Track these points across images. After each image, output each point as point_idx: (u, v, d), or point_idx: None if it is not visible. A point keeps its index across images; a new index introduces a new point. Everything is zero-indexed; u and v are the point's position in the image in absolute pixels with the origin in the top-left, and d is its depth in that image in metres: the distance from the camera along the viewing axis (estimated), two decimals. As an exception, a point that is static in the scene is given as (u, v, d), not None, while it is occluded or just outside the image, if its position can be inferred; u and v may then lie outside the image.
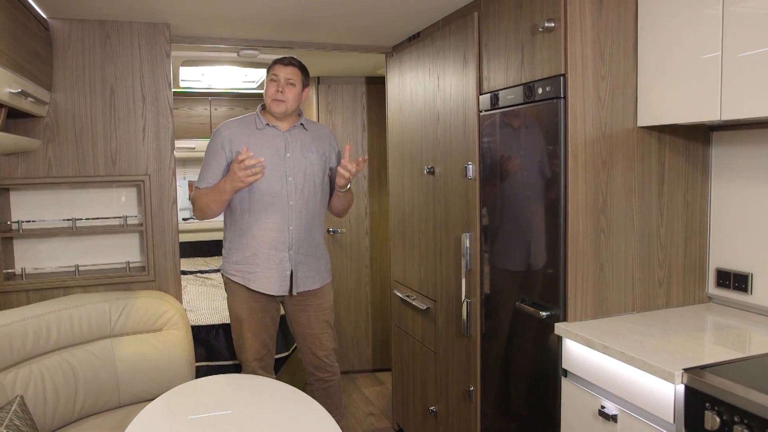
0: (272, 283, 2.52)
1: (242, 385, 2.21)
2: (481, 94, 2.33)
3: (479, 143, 2.34)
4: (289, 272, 2.53)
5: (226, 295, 2.65)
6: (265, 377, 2.36)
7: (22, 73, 2.13)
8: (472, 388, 2.43)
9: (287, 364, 3.46)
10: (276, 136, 2.53)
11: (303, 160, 2.54)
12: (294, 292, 2.56)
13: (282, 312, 2.72)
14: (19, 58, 2.11)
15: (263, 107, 2.58)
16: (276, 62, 2.54)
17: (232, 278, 2.55)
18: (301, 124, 2.59)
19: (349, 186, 2.61)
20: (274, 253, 2.51)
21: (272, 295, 2.55)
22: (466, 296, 2.40)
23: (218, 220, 5.88)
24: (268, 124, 2.53)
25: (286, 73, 2.49)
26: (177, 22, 2.71)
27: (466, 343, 2.46)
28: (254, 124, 2.54)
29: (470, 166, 2.36)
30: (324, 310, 2.67)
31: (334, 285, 4.27)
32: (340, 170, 2.49)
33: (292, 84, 2.50)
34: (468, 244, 2.39)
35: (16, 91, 2.03)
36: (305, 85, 2.56)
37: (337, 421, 2.67)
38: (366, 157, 2.58)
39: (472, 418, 2.45)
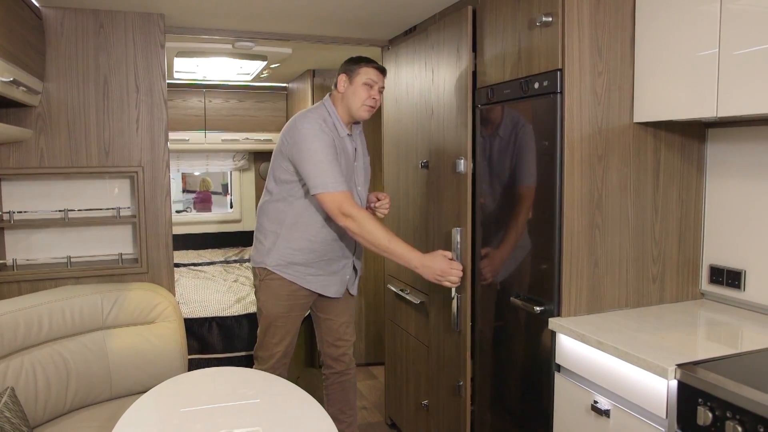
0: (332, 286, 2.49)
1: (234, 377, 2.21)
2: (477, 89, 2.32)
3: (473, 138, 2.33)
4: (348, 276, 2.53)
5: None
6: (257, 372, 2.35)
7: (14, 62, 2.10)
8: (461, 383, 2.43)
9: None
10: (350, 143, 2.43)
11: (363, 168, 2.51)
12: (353, 293, 2.59)
13: None
14: (11, 47, 2.08)
15: (331, 101, 2.41)
16: (370, 65, 2.38)
17: (287, 276, 2.41)
18: (357, 128, 2.51)
19: None
20: (339, 259, 2.47)
21: (315, 295, 2.50)
22: (456, 291, 2.40)
23: (215, 216, 5.80)
24: (348, 133, 2.41)
25: (381, 80, 2.39)
26: (172, 13, 2.69)
27: (456, 338, 2.46)
28: (336, 130, 2.36)
29: (461, 161, 2.35)
30: (353, 302, 2.67)
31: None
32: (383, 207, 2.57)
33: (381, 92, 2.42)
34: (458, 239, 2.38)
35: (8, 80, 2.01)
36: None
37: (350, 423, 2.66)
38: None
39: (461, 412, 2.45)
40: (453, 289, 2.38)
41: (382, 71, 2.42)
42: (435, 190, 2.62)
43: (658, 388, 1.53)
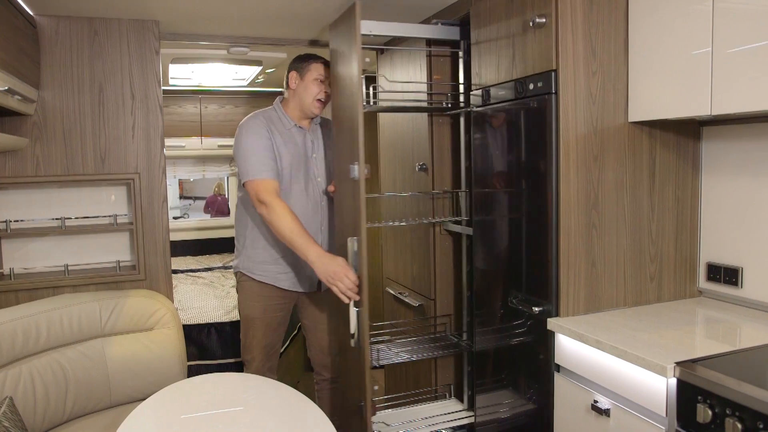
0: (303, 281, 2.50)
1: (234, 384, 2.20)
2: (472, 91, 2.33)
3: (363, 141, 2.09)
4: None
5: (235, 293, 2.59)
6: (257, 377, 2.35)
7: (8, 71, 2.10)
8: (362, 403, 2.21)
9: (281, 361, 3.45)
10: (302, 136, 2.47)
11: (326, 159, 2.52)
12: (324, 288, 2.52)
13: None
14: (5, 56, 2.08)
15: (282, 101, 2.49)
16: (318, 61, 2.44)
17: (256, 277, 2.47)
18: (318, 122, 2.54)
19: None
20: None
21: (292, 294, 2.52)
22: (355, 305, 2.17)
23: (212, 222, 5.79)
24: (295, 124, 2.45)
25: (328, 74, 2.42)
26: (166, 19, 2.69)
27: (356, 354, 2.25)
28: (280, 122, 2.44)
29: (355, 167, 2.11)
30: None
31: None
32: None
33: (329, 85, 2.44)
34: (355, 249, 2.15)
35: (3, 88, 2.01)
36: None
37: (340, 426, 2.66)
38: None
39: None
40: (351, 303, 2.15)
41: (328, 63, 2.45)
42: (338, 198, 2.41)
43: (658, 387, 1.53)
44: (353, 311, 2.14)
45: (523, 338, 2.11)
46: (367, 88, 2.58)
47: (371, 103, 2.63)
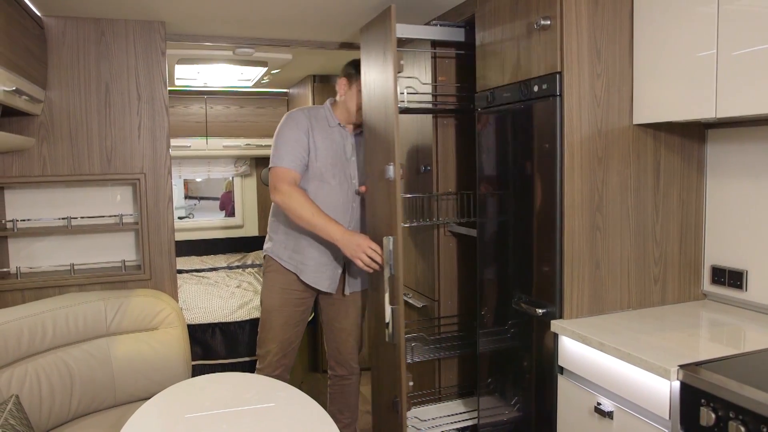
0: (323, 280, 2.52)
1: (239, 383, 2.21)
2: (477, 92, 2.33)
3: (398, 143, 2.15)
4: (340, 271, 2.55)
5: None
6: (261, 377, 2.35)
7: (16, 71, 2.12)
8: (397, 399, 2.27)
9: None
10: (344, 137, 2.52)
11: (360, 164, 2.55)
12: (346, 292, 2.58)
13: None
14: (13, 56, 2.09)
15: (333, 103, 2.55)
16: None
17: (283, 263, 2.52)
18: (361, 130, 2.52)
19: None
20: (331, 251, 2.49)
21: (313, 291, 2.55)
22: (390, 303, 2.23)
23: (218, 222, 5.80)
24: (339, 123, 2.51)
25: None
26: (172, 20, 2.70)
27: (392, 351, 2.30)
28: (326, 120, 2.50)
29: (390, 167, 2.17)
30: (357, 308, 2.66)
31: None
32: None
33: None
34: (391, 248, 2.20)
35: (11, 89, 2.02)
36: None
37: (347, 425, 2.68)
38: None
39: (398, 428, 2.27)
40: (387, 302, 2.21)
41: None
42: (371, 198, 2.43)
43: (661, 389, 1.53)
44: (388, 308, 2.22)
45: (526, 340, 2.11)
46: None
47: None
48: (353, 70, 2.49)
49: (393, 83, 2.12)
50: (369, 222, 2.46)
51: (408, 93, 2.57)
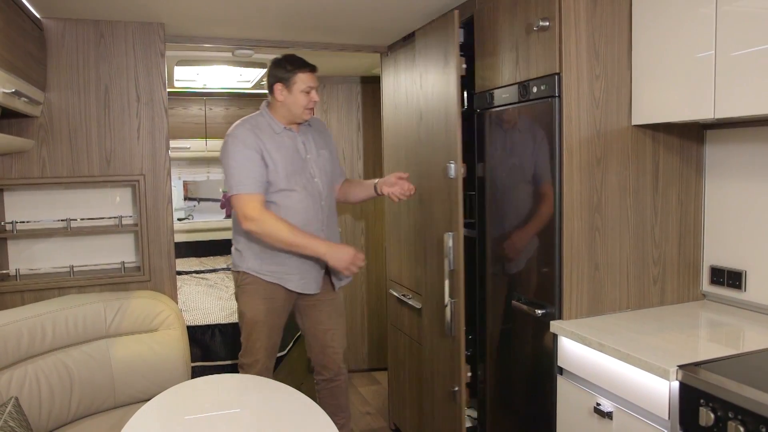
0: (310, 283, 2.50)
1: (238, 385, 2.21)
2: (475, 93, 2.33)
3: (462, 142, 2.29)
4: (323, 271, 2.53)
5: (237, 294, 2.58)
6: (262, 378, 2.35)
7: (15, 73, 2.12)
8: (456, 389, 2.39)
9: (284, 363, 3.46)
10: (293, 138, 2.48)
11: (321, 159, 2.53)
12: (336, 288, 2.58)
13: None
14: (12, 58, 2.10)
15: (269, 108, 2.48)
16: (303, 70, 2.42)
17: (263, 277, 2.44)
18: (308, 123, 2.55)
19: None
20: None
21: (293, 295, 2.52)
22: (450, 296, 2.35)
23: (217, 223, 5.79)
24: (285, 127, 2.46)
25: (315, 81, 2.44)
26: (172, 22, 2.70)
27: (450, 343, 2.43)
28: (269, 128, 2.43)
29: (452, 165, 2.32)
30: (338, 308, 2.66)
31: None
32: (397, 191, 2.53)
33: (317, 90, 2.46)
34: (450, 244, 2.33)
35: (10, 91, 2.02)
36: None
37: (343, 425, 2.67)
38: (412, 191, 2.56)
39: (457, 418, 2.41)
40: (447, 295, 2.34)
41: (314, 70, 2.45)
42: (427, 194, 2.60)
43: (660, 390, 1.53)
44: (449, 302, 2.33)
45: (526, 341, 2.11)
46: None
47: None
48: (283, 72, 2.41)
49: (455, 86, 2.27)
50: (425, 216, 2.58)
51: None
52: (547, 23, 1.89)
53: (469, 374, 2.55)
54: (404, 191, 2.53)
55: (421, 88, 2.59)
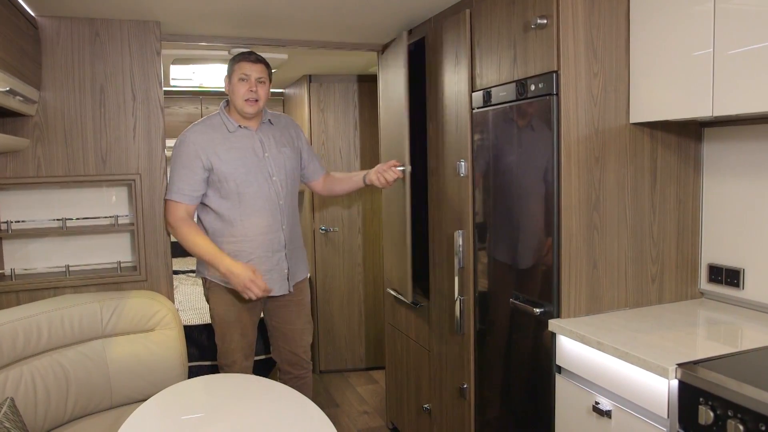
0: (274, 284, 2.49)
1: (235, 384, 2.20)
2: (473, 92, 2.33)
3: (471, 141, 2.34)
4: (286, 270, 2.53)
5: (206, 296, 2.60)
6: (259, 378, 2.35)
7: (10, 72, 2.10)
8: (465, 386, 2.43)
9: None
10: (249, 137, 2.48)
11: (281, 157, 2.52)
12: (290, 289, 2.55)
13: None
14: (6, 56, 2.08)
15: (226, 106, 2.51)
16: (241, 59, 2.44)
17: (225, 285, 2.47)
18: (269, 120, 2.57)
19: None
20: (272, 255, 2.48)
21: (268, 299, 2.53)
22: (459, 294, 2.40)
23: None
24: (240, 126, 2.47)
25: (256, 71, 2.43)
26: (167, 20, 2.69)
27: (460, 340, 2.46)
28: (224, 127, 2.45)
29: (462, 164, 2.35)
30: (306, 305, 2.67)
31: (326, 283, 4.27)
32: (385, 176, 2.52)
33: (262, 82, 2.45)
34: (461, 242, 2.38)
35: (4, 89, 2.01)
36: (270, 81, 2.54)
37: None
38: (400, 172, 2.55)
39: (465, 415, 2.45)
40: (456, 292, 2.37)
41: (257, 61, 2.45)
42: (435, 193, 2.62)
43: (659, 388, 1.53)
44: (458, 299, 2.38)
45: (524, 339, 2.11)
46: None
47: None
48: (230, 63, 2.48)
49: (467, 83, 2.31)
50: (433, 215, 2.58)
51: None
52: (545, 21, 1.89)
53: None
54: (390, 178, 2.54)
55: (434, 87, 2.59)
